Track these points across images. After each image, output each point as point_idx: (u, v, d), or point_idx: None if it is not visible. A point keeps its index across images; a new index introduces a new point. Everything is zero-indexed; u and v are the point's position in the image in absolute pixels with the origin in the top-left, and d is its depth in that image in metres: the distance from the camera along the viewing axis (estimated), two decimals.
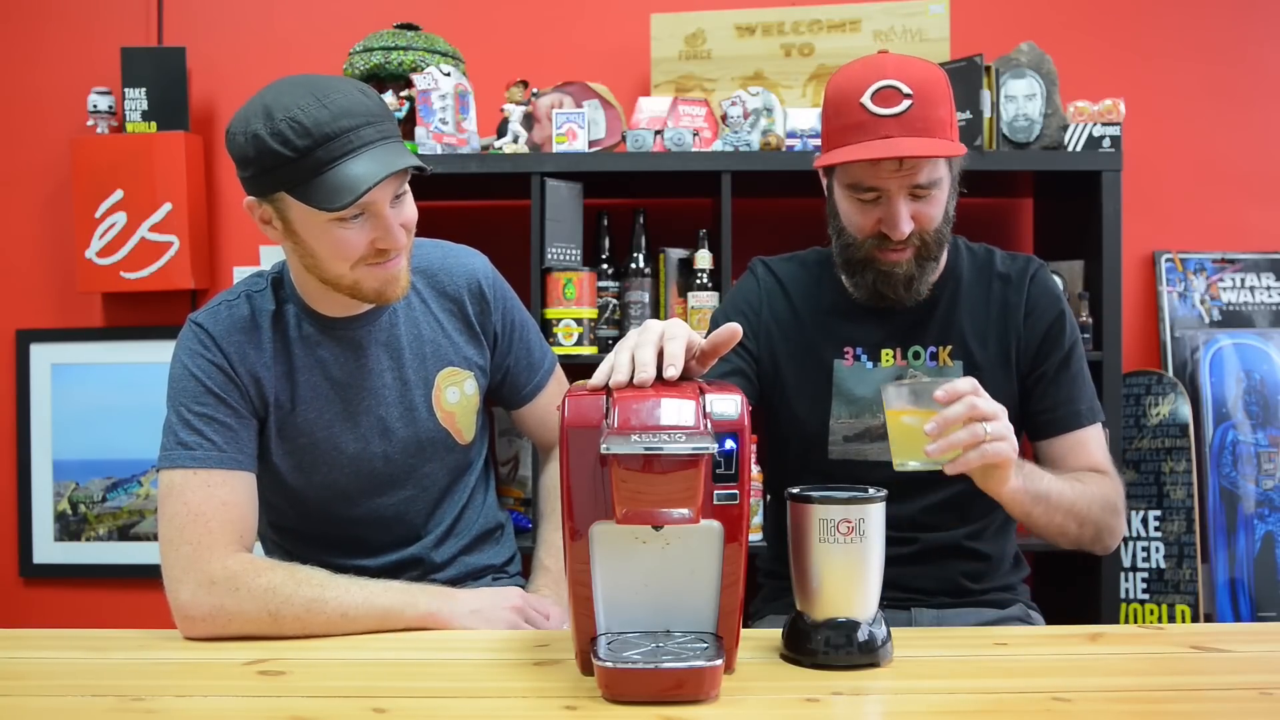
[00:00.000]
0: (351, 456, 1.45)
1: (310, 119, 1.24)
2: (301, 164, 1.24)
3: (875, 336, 1.52)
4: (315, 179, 1.25)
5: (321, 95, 1.25)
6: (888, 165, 1.37)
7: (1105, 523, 1.43)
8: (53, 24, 2.70)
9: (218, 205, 2.69)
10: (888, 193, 1.39)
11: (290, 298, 1.44)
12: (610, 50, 2.61)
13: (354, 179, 1.24)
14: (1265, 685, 1.04)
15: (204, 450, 1.34)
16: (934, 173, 1.39)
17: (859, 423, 1.51)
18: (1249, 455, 2.42)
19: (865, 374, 1.52)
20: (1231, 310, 2.59)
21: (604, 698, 0.99)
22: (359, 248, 1.31)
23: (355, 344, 1.44)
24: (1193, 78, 2.61)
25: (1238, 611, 2.38)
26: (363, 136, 1.26)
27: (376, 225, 1.30)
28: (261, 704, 1.02)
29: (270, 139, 1.24)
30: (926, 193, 1.40)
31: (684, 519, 0.99)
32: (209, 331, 1.38)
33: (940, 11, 2.42)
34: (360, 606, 1.28)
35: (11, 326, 2.70)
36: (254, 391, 1.39)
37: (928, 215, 1.41)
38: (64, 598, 2.71)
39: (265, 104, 1.26)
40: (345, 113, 1.25)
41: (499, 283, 1.57)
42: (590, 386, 1.06)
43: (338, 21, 2.63)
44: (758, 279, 1.61)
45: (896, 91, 1.36)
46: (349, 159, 1.25)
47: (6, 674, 1.13)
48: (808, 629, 1.10)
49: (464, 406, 1.52)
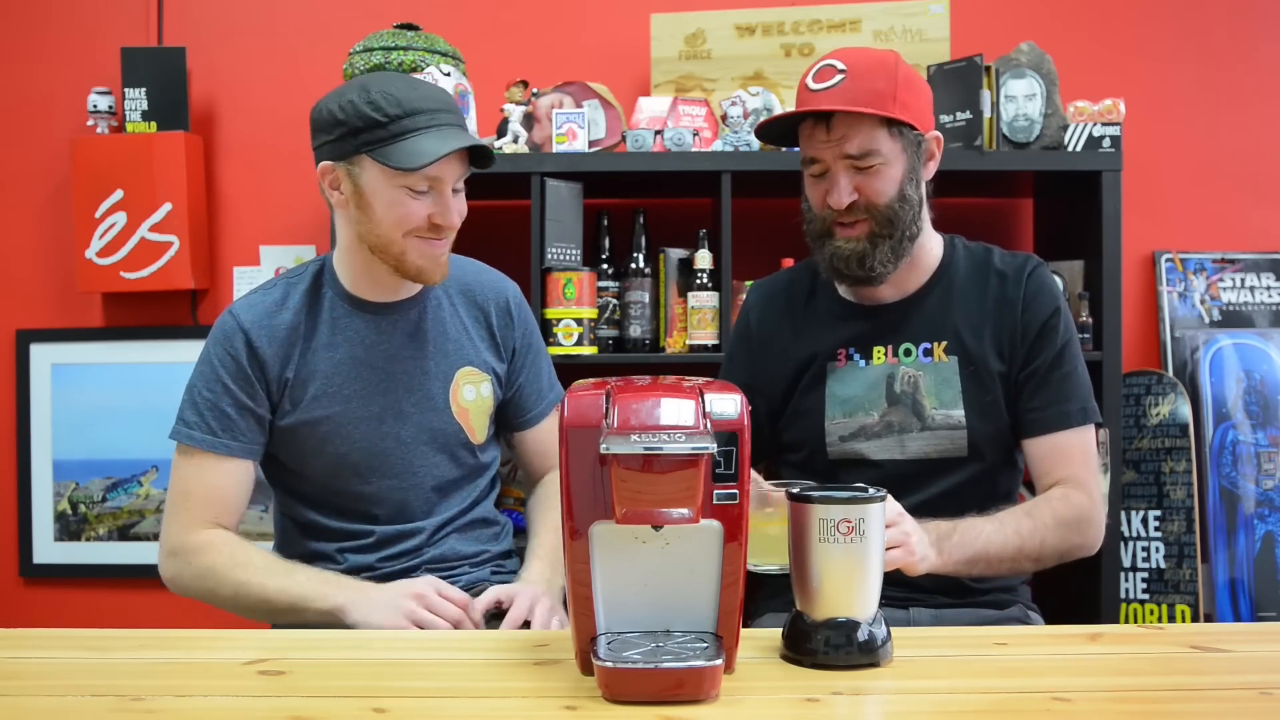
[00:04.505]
0: (364, 434, 1.53)
1: (402, 94, 1.42)
2: (389, 128, 1.41)
3: (866, 334, 1.54)
4: (398, 142, 1.41)
5: (410, 84, 1.46)
6: (819, 135, 1.45)
7: (1068, 544, 1.46)
8: (53, 24, 2.70)
9: (218, 205, 2.69)
10: (825, 163, 1.46)
11: (329, 282, 1.56)
12: (610, 50, 2.61)
13: (431, 148, 1.41)
14: (1265, 685, 1.04)
15: (200, 433, 1.49)
16: (868, 143, 1.43)
17: (853, 421, 1.52)
18: (1249, 455, 2.42)
19: (857, 372, 1.53)
20: (1231, 310, 2.59)
21: (604, 698, 0.99)
22: (418, 218, 1.45)
23: (383, 327, 1.55)
24: (1192, 78, 2.61)
25: (1238, 611, 2.39)
26: (441, 119, 1.44)
27: (438, 201, 1.46)
28: (261, 704, 1.02)
29: (365, 105, 1.41)
30: (867, 165, 1.44)
31: (684, 519, 0.99)
32: (238, 320, 1.51)
33: (940, 11, 2.42)
34: (278, 593, 1.41)
35: (11, 326, 2.70)
36: (275, 370, 1.50)
37: (871, 188, 1.44)
38: (64, 598, 2.71)
39: (361, 82, 1.45)
40: (430, 98, 1.45)
41: (526, 308, 1.70)
42: None
43: (338, 21, 2.63)
44: (747, 305, 1.68)
45: (832, 68, 1.44)
46: (428, 132, 1.42)
47: (6, 674, 1.13)
48: (808, 629, 1.10)
49: (479, 406, 1.60)
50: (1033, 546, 1.42)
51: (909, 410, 1.51)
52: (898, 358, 1.53)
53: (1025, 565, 1.44)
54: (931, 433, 1.51)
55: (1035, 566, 1.46)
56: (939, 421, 1.51)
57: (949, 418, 1.51)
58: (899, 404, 1.52)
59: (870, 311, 1.55)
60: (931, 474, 1.50)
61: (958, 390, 1.51)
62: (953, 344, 1.52)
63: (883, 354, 1.53)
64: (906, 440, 1.51)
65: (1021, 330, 1.51)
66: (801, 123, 1.48)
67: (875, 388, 1.53)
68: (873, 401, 1.53)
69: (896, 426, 1.52)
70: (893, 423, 1.52)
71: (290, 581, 1.42)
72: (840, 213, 1.46)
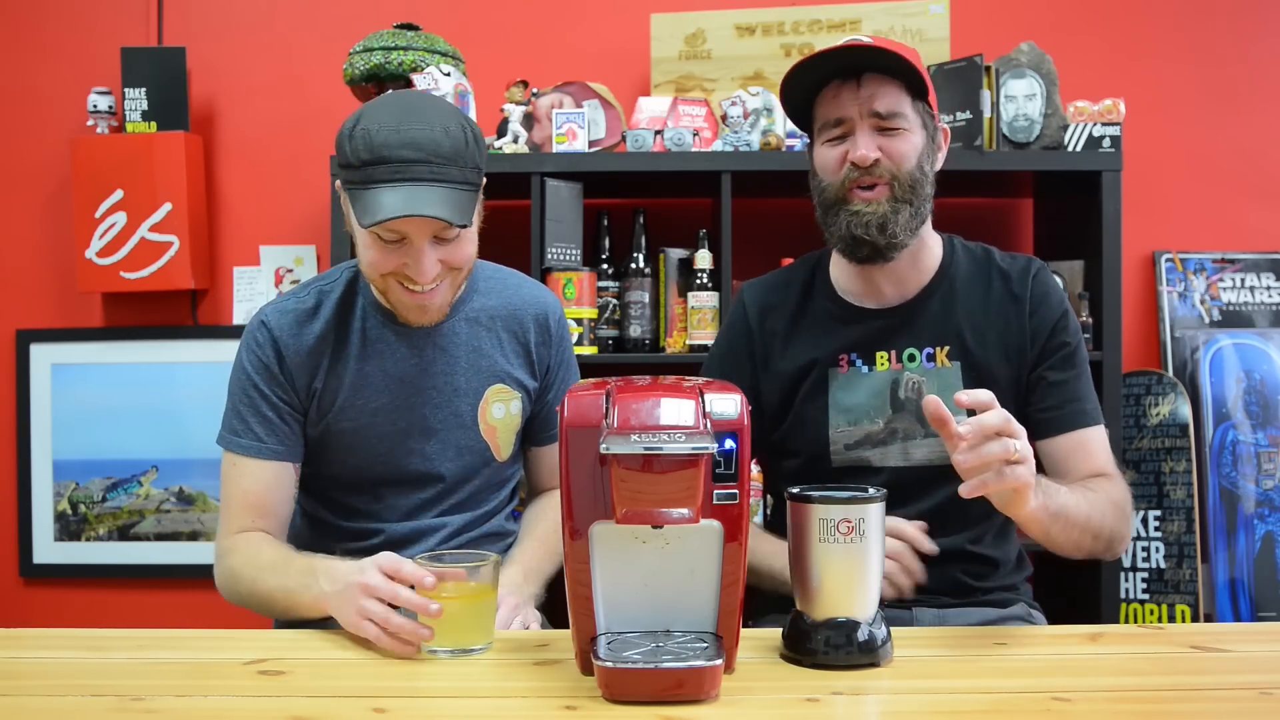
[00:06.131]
0: (389, 447, 1.51)
1: (378, 139, 1.32)
2: (359, 172, 1.34)
3: (869, 339, 1.51)
4: (362, 190, 1.34)
5: (403, 120, 1.33)
6: (846, 93, 1.41)
7: (1118, 531, 1.41)
8: (53, 24, 2.70)
9: (218, 205, 2.69)
10: (850, 121, 1.41)
11: (363, 291, 1.52)
12: (610, 50, 2.61)
13: (388, 206, 1.31)
14: (1265, 685, 1.04)
15: (245, 439, 1.47)
16: (895, 104, 1.40)
17: (858, 429, 1.50)
18: (1249, 455, 2.42)
19: (861, 379, 1.50)
20: (1231, 310, 2.59)
21: (604, 698, 0.99)
22: (386, 265, 1.39)
23: (415, 343, 1.51)
24: (1192, 78, 2.61)
25: (1238, 611, 2.38)
26: (412, 172, 1.32)
27: (410, 254, 1.37)
28: (261, 704, 1.02)
29: (346, 140, 1.35)
30: (893, 127, 1.41)
31: (684, 519, 0.99)
32: (268, 327, 1.49)
33: (940, 11, 2.42)
34: (277, 589, 1.37)
35: (11, 326, 2.70)
36: (303, 381, 1.49)
37: (897, 151, 1.41)
38: (64, 598, 2.71)
39: (364, 109, 1.37)
40: (410, 144, 1.32)
41: (565, 325, 1.65)
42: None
43: (338, 21, 2.63)
44: (744, 306, 1.60)
45: (857, 42, 1.41)
46: (389, 186, 1.32)
47: (6, 674, 1.13)
48: (808, 629, 1.10)
49: (506, 424, 1.58)
50: (1096, 520, 1.36)
51: (913, 417, 1.48)
52: (901, 363, 1.50)
53: (1086, 541, 1.36)
54: (936, 439, 1.46)
55: (1092, 545, 1.37)
56: None
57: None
58: (903, 410, 1.49)
59: (872, 315, 1.52)
60: (935, 480, 1.47)
61: None
62: (955, 349, 1.49)
63: (886, 360, 1.50)
64: (911, 447, 1.49)
65: (1031, 333, 1.49)
66: (823, 90, 1.44)
67: (879, 395, 1.50)
68: (877, 409, 1.50)
69: (901, 433, 1.49)
70: (897, 429, 1.49)
71: (284, 577, 1.37)
72: (860, 173, 1.41)
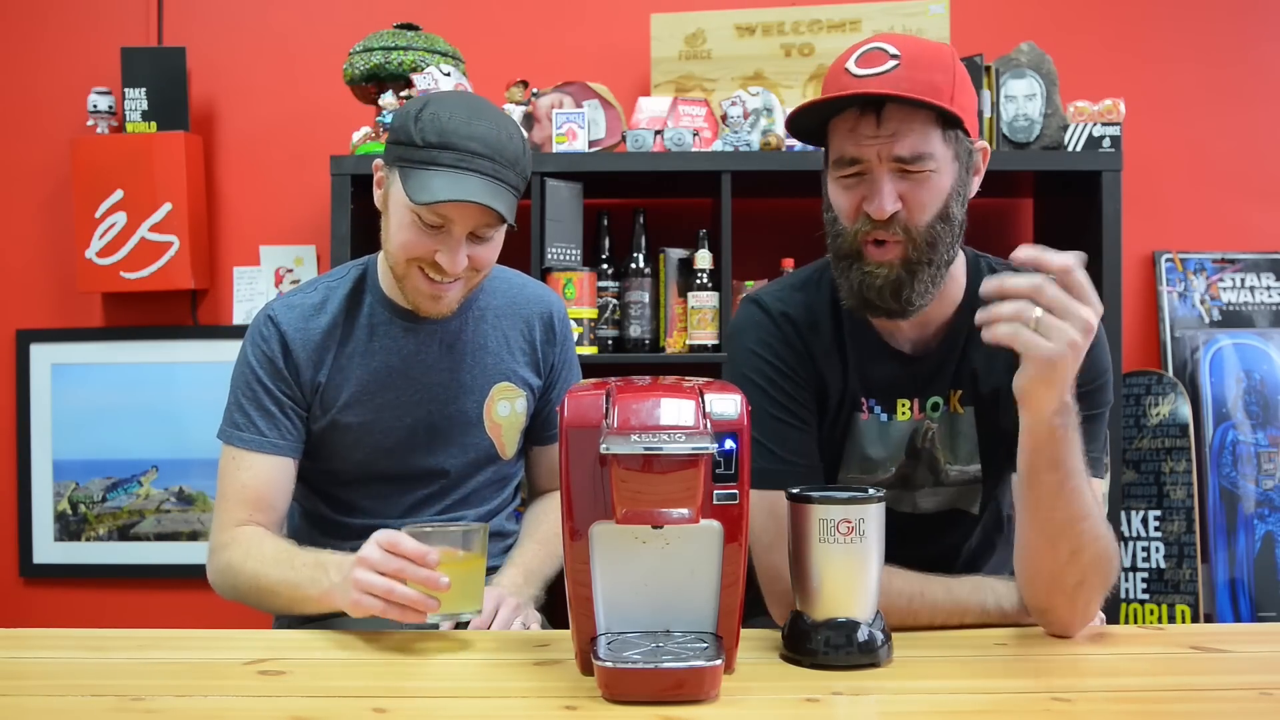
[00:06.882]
0: (393, 443, 1.52)
1: (449, 125, 1.36)
2: (420, 153, 1.37)
3: (892, 384, 1.36)
4: (419, 170, 1.37)
5: (474, 115, 1.39)
6: (864, 129, 1.21)
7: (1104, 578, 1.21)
8: (53, 24, 2.70)
9: (218, 205, 2.69)
10: (869, 164, 1.22)
11: (370, 288, 1.54)
12: (610, 50, 2.61)
13: (440, 188, 1.35)
14: (1265, 685, 1.04)
15: (247, 433, 1.48)
16: (921, 145, 1.20)
17: (869, 477, 1.38)
18: (1249, 455, 2.42)
19: (879, 428, 1.37)
20: (1231, 310, 2.59)
21: (604, 698, 0.99)
22: (422, 249, 1.40)
23: (421, 337, 1.52)
24: (1192, 78, 2.61)
25: (1238, 611, 2.38)
26: (475, 164, 1.37)
27: (446, 242, 1.40)
28: (261, 704, 1.02)
29: (412, 121, 1.38)
30: (916, 172, 1.21)
31: (684, 519, 0.99)
32: (275, 320, 1.50)
33: (940, 11, 2.42)
34: (280, 583, 1.36)
35: (11, 326, 2.70)
36: (308, 374, 1.49)
37: (916, 199, 1.22)
38: (64, 598, 2.71)
39: (432, 97, 1.42)
40: (479, 138, 1.37)
41: (568, 324, 1.67)
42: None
43: (338, 21, 2.63)
44: (769, 312, 1.37)
45: (882, 53, 1.20)
46: (449, 172, 1.36)
47: (6, 674, 1.13)
48: (808, 629, 1.10)
49: (511, 422, 1.59)
50: (1100, 549, 1.20)
51: (925, 466, 1.38)
52: (924, 412, 1.36)
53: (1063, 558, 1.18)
54: (944, 488, 1.39)
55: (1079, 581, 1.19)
56: (953, 477, 1.38)
57: (964, 473, 1.38)
58: (916, 458, 1.38)
59: (896, 355, 1.35)
60: (938, 528, 1.41)
61: (975, 444, 1.37)
62: (968, 394, 1.36)
63: (908, 409, 1.36)
64: (919, 496, 1.39)
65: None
66: (837, 115, 1.24)
67: (899, 446, 1.37)
68: (893, 458, 1.38)
69: (912, 482, 1.38)
70: (907, 476, 1.38)
71: (290, 570, 1.35)
72: (875, 226, 1.23)
